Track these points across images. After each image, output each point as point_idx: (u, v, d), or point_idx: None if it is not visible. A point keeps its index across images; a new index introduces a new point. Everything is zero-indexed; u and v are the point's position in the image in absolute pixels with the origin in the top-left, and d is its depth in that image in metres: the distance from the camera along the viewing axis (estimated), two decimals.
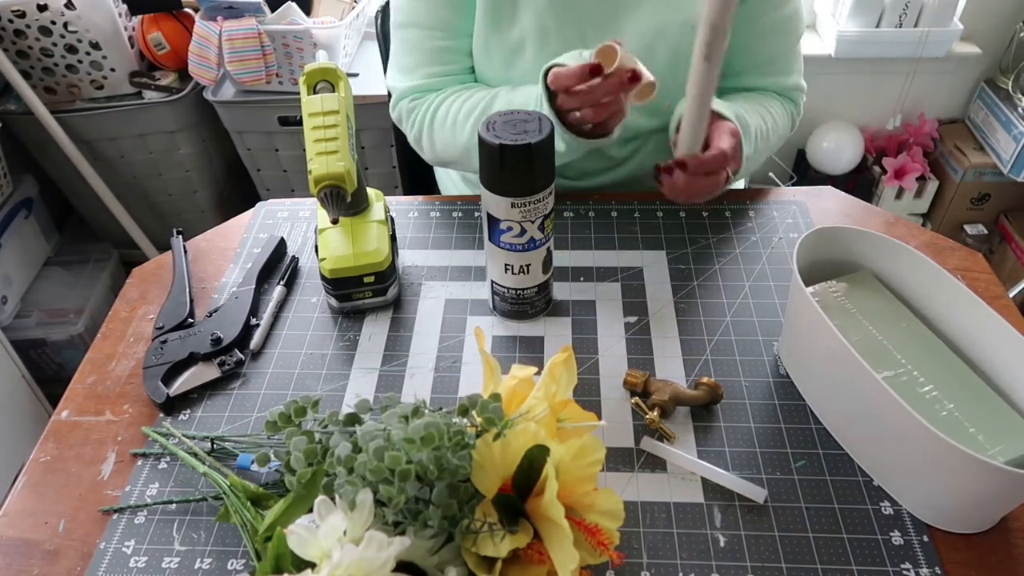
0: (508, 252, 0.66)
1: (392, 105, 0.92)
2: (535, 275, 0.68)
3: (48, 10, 1.46)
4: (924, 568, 0.53)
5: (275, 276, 0.80)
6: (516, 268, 0.67)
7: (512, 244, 0.65)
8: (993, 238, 1.89)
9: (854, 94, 1.84)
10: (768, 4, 0.80)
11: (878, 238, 0.66)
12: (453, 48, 0.86)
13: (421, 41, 0.86)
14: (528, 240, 0.65)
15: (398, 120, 0.92)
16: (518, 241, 0.65)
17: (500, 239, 0.65)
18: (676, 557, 0.54)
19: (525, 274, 0.68)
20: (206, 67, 1.48)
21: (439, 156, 0.89)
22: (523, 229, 0.64)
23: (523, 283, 0.68)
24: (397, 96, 0.90)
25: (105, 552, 0.57)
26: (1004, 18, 1.72)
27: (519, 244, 0.65)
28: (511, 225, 0.64)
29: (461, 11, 0.83)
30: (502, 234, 0.65)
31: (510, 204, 0.62)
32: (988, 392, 0.58)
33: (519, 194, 0.62)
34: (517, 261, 0.66)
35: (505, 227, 0.64)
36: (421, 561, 0.47)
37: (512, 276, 0.68)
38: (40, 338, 1.60)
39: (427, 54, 0.86)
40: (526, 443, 0.46)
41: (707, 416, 0.64)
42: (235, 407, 0.67)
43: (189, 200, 1.78)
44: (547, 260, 0.68)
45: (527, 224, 0.64)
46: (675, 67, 0.80)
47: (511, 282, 0.69)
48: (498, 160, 0.59)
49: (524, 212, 0.63)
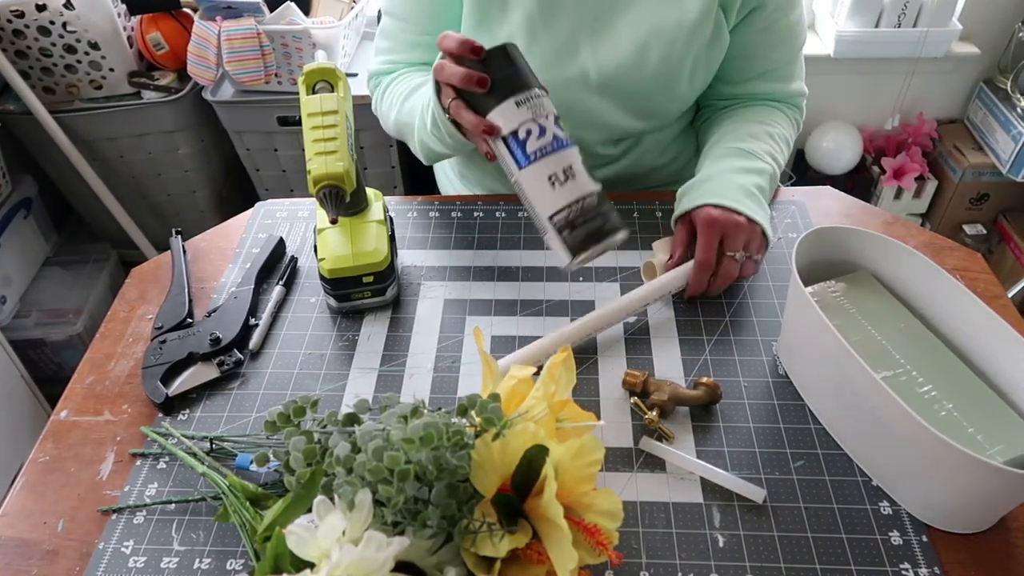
0: (543, 161, 0.60)
1: (367, 79, 0.96)
2: (583, 180, 0.61)
3: (47, 10, 1.46)
4: (923, 568, 0.53)
5: (274, 276, 0.80)
6: (561, 174, 0.60)
7: (542, 149, 0.60)
8: (992, 238, 1.90)
9: (853, 94, 1.84)
10: (779, 12, 0.81)
11: (877, 238, 0.66)
12: (424, 43, 0.87)
13: (396, 31, 0.89)
14: (553, 139, 0.60)
15: (370, 93, 0.96)
16: (544, 143, 0.60)
17: (527, 151, 0.60)
18: (675, 557, 0.54)
19: (573, 179, 0.60)
20: (205, 67, 1.48)
21: (387, 129, 0.93)
22: (541, 128, 0.60)
23: (578, 190, 0.60)
24: (369, 73, 0.95)
25: (104, 552, 0.57)
26: (1003, 18, 1.73)
27: (547, 146, 0.60)
28: (528, 128, 0.59)
29: (443, 8, 0.84)
30: (525, 145, 0.60)
31: (515, 104, 0.60)
32: (987, 392, 0.58)
33: (518, 88, 0.60)
34: (557, 165, 0.60)
35: (523, 134, 0.60)
36: (420, 561, 0.47)
37: (562, 187, 0.60)
38: (39, 338, 1.60)
39: (399, 44, 0.89)
40: (525, 443, 0.46)
41: (706, 416, 0.64)
42: (234, 407, 0.67)
43: (188, 200, 1.78)
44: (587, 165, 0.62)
45: (542, 122, 0.60)
46: (667, 67, 0.80)
47: (567, 195, 0.60)
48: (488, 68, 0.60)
49: (532, 108, 0.60)
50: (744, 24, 0.81)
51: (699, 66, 0.82)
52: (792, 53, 0.87)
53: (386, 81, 0.91)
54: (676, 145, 0.95)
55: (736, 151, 0.80)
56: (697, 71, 0.82)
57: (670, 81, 0.82)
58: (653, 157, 0.94)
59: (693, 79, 0.83)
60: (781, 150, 0.85)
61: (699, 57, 0.81)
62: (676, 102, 0.86)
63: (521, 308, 0.75)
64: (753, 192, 0.76)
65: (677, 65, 0.80)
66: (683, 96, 0.85)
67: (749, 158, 0.80)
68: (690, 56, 0.80)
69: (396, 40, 0.89)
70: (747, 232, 0.72)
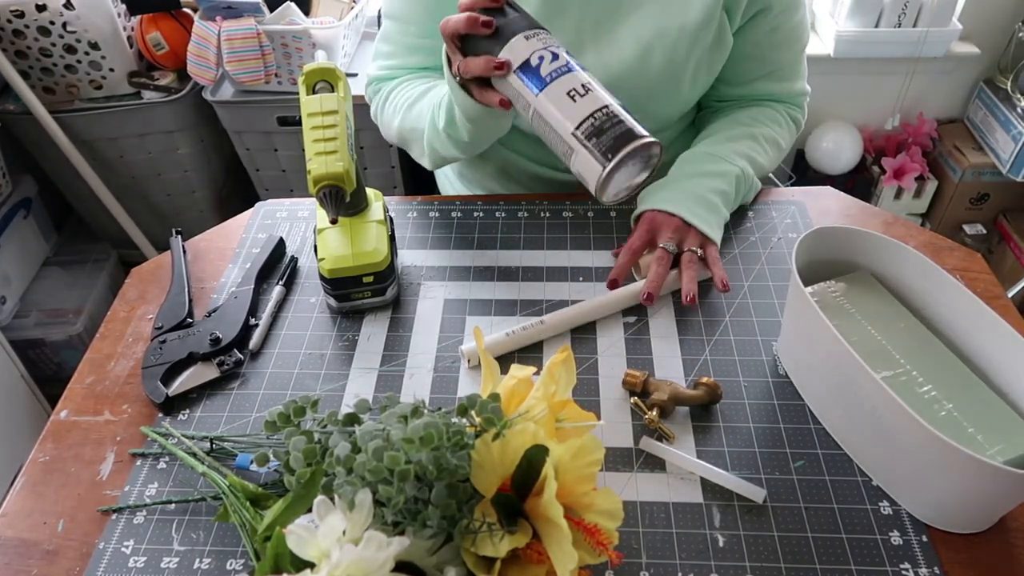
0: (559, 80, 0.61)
1: (365, 85, 0.95)
2: (602, 93, 0.61)
3: (47, 10, 1.46)
4: (923, 568, 0.53)
5: (274, 276, 0.80)
6: (581, 88, 0.60)
7: (557, 70, 0.61)
8: (992, 238, 1.90)
9: (853, 94, 1.84)
10: (785, 14, 0.81)
11: (877, 238, 0.66)
12: (426, 47, 0.87)
13: (397, 34, 0.88)
14: (566, 62, 0.61)
15: (368, 99, 0.95)
16: (558, 65, 0.61)
17: (542, 75, 0.61)
18: (675, 557, 0.54)
19: (592, 92, 0.61)
20: (205, 67, 1.48)
21: (388, 137, 0.93)
22: (554, 54, 0.61)
23: (600, 100, 0.60)
24: (368, 79, 0.93)
25: (104, 552, 0.57)
26: (1003, 18, 1.73)
27: (562, 67, 0.61)
28: (541, 55, 0.61)
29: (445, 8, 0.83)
30: (539, 70, 0.61)
31: (523, 38, 0.62)
32: (987, 392, 0.58)
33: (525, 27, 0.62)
34: (574, 81, 0.61)
35: (536, 61, 0.61)
36: (420, 561, 0.47)
37: (583, 99, 0.60)
38: (39, 338, 1.59)
39: (400, 48, 0.89)
40: (525, 443, 0.46)
41: (706, 416, 0.64)
42: (234, 407, 0.67)
43: (188, 200, 1.78)
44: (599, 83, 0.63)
45: (554, 49, 0.62)
46: (670, 70, 0.80)
47: (589, 105, 0.60)
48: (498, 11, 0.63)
49: (541, 40, 0.62)
50: (749, 26, 0.81)
51: (701, 69, 0.82)
52: (796, 53, 0.87)
53: (387, 88, 0.90)
54: (676, 147, 0.95)
55: (704, 155, 0.82)
56: (699, 74, 0.82)
57: (672, 84, 0.82)
58: None
59: (695, 82, 0.83)
60: (764, 150, 0.85)
61: (702, 60, 0.81)
62: (677, 105, 0.86)
63: (521, 308, 0.75)
64: (705, 197, 0.78)
65: (680, 68, 0.80)
66: (685, 99, 0.85)
67: (716, 162, 0.81)
68: (693, 59, 0.80)
69: (397, 44, 0.89)
70: (680, 230, 0.76)
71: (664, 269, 0.73)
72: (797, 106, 0.91)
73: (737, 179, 0.81)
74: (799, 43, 0.86)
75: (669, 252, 0.74)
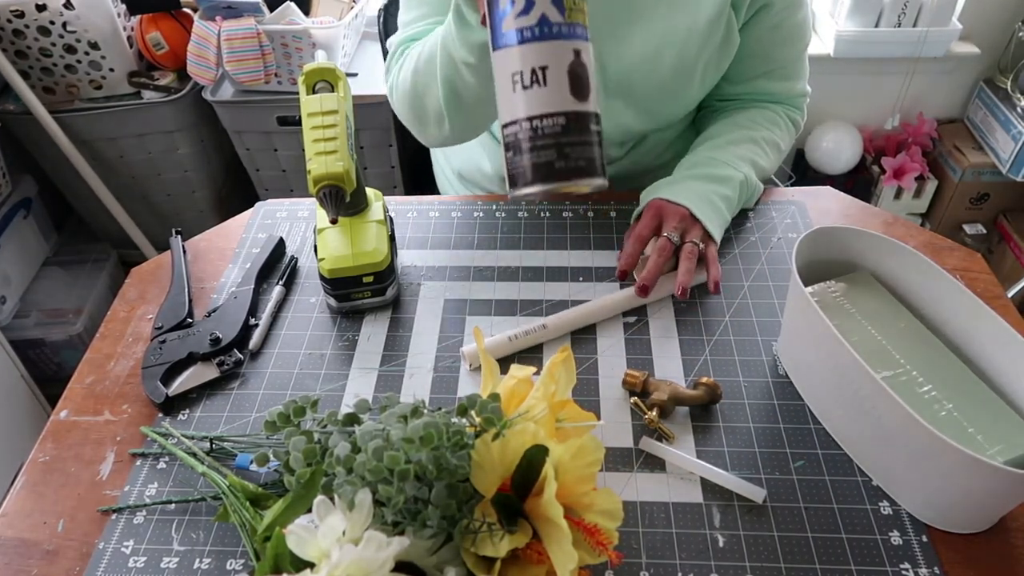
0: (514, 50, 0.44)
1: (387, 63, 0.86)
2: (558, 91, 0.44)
3: (47, 10, 1.46)
4: (923, 568, 0.53)
5: (274, 276, 0.80)
6: (528, 75, 0.43)
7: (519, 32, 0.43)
8: (992, 238, 1.90)
9: (853, 94, 1.84)
10: (787, 11, 0.81)
11: (877, 238, 0.66)
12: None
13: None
14: (540, 21, 0.43)
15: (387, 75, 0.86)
16: (525, 24, 0.43)
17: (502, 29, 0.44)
18: (675, 557, 0.54)
19: (541, 85, 0.43)
20: (205, 67, 1.48)
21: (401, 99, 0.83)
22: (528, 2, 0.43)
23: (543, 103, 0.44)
24: (393, 48, 0.85)
25: (104, 552, 0.57)
26: (1003, 18, 1.73)
27: (526, 29, 0.43)
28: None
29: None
30: (504, 18, 0.44)
31: None
32: (987, 392, 0.58)
33: None
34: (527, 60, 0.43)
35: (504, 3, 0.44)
36: (420, 561, 0.47)
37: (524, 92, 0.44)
38: (39, 338, 1.59)
39: (429, 5, 0.82)
40: (525, 443, 0.46)
41: (706, 416, 0.64)
42: (234, 407, 0.67)
43: (188, 200, 1.78)
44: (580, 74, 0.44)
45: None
46: (680, 70, 0.80)
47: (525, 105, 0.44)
48: None
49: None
50: (752, 23, 0.81)
51: (710, 67, 0.82)
52: (798, 52, 0.87)
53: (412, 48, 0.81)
54: (677, 144, 0.96)
55: (708, 159, 0.82)
56: (708, 72, 0.82)
57: (682, 83, 0.82)
58: (654, 156, 0.95)
59: (704, 81, 0.83)
60: (765, 153, 0.85)
61: (711, 58, 0.81)
62: (685, 103, 0.87)
63: (521, 308, 0.75)
64: (710, 198, 0.78)
65: (690, 67, 0.80)
66: (693, 97, 0.86)
67: (720, 166, 0.81)
68: (703, 58, 0.80)
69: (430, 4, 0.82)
70: (686, 221, 0.76)
71: (663, 260, 0.73)
72: (796, 107, 0.91)
73: (741, 185, 0.81)
74: (801, 41, 0.86)
75: (672, 242, 0.74)
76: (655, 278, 0.72)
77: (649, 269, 0.72)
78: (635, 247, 0.75)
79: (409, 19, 0.84)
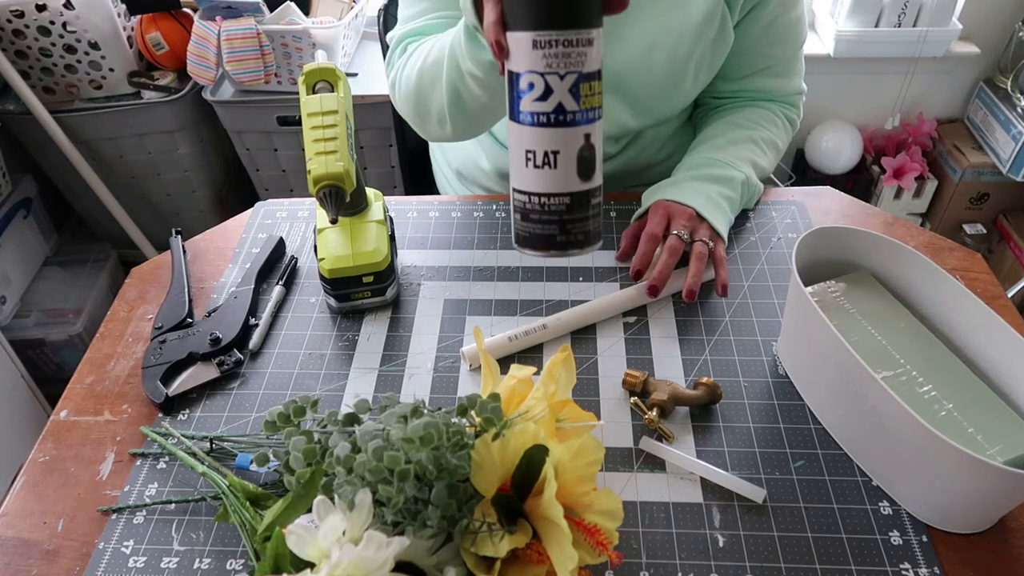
0: (530, 129, 0.48)
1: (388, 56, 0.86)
2: (567, 174, 0.49)
3: (47, 10, 1.46)
4: (923, 568, 0.53)
5: (274, 276, 0.80)
6: (540, 156, 0.48)
7: (535, 115, 0.47)
8: (992, 237, 1.90)
9: (853, 94, 1.84)
10: (781, 8, 0.81)
11: (877, 238, 0.66)
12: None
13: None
14: (556, 109, 0.47)
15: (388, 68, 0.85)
16: (541, 109, 0.47)
17: (520, 108, 0.48)
18: (675, 557, 0.54)
19: (551, 168, 0.48)
20: (205, 67, 1.48)
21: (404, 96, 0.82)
22: (547, 87, 0.46)
23: (550, 183, 0.49)
24: (394, 43, 0.84)
25: (104, 552, 0.57)
26: (1003, 18, 1.73)
27: (543, 114, 0.47)
28: (532, 81, 0.46)
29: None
30: (522, 98, 0.47)
31: (531, 43, 0.46)
32: (987, 392, 0.58)
33: (543, 24, 0.45)
34: (541, 142, 0.48)
35: (526, 85, 0.47)
36: (420, 561, 0.47)
37: (535, 170, 0.48)
38: (39, 338, 1.60)
39: (431, 0, 0.81)
40: (525, 443, 0.46)
41: (706, 416, 0.64)
42: (234, 407, 0.67)
43: (188, 200, 1.78)
44: (588, 157, 0.49)
45: (553, 80, 0.46)
46: (673, 66, 0.80)
47: (534, 181, 0.49)
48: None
49: (550, 58, 0.46)
50: (747, 20, 0.82)
51: (704, 64, 0.82)
52: (793, 50, 0.87)
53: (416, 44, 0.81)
54: (673, 141, 0.96)
55: (709, 160, 0.82)
56: (702, 69, 0.83)
57: (675, 80, 0.82)
58: (651, 153, 0.95)
59: (697, 77, 0.83)
60: (764, 153, 0.86)
61: (704, 55, 0.81)
62: (679, 100, 0.87)
63: (521, 308, 0.75)
64: (714, 198, 0.78)
65: (683, 64, 0.81)
66: (686, 94, 0.86)
67: (721, 167, 0.81)
68: (695, 55, 0.80)
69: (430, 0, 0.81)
70: (694, 220, 0.76)
71: (673, 260, 0.73)
72: (792, 106, 0.91)
73: (742, 185, 0.81)
74: (796, 39, 0.86)
75: (683, 240, 0.74)
76: (666, 278, 0.72)
77: (660, 269, 0.72)
78: (649, 246, 0.74)
79: (410, 14, 0.84)
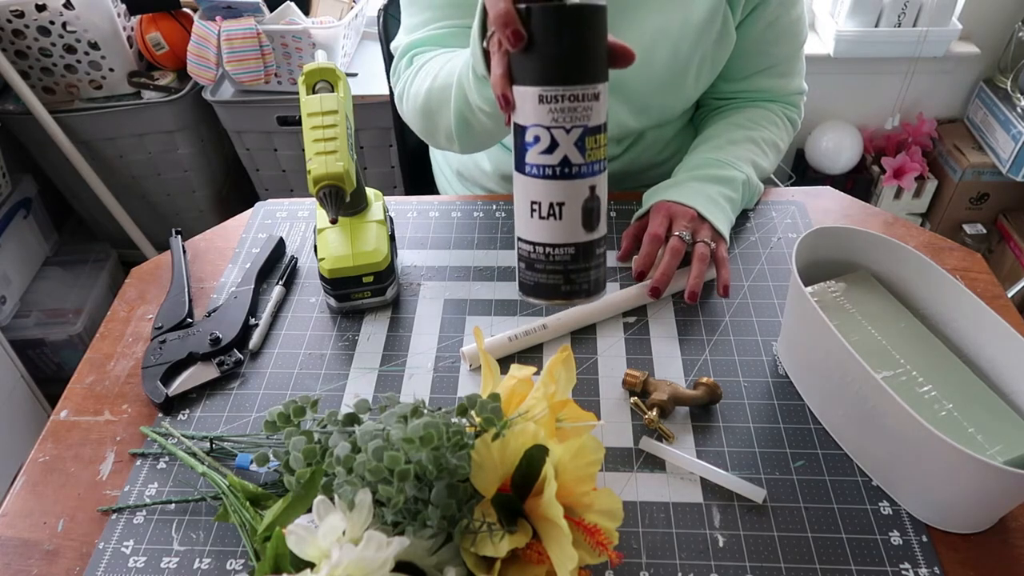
0: (535, 182, 0.48)
1: (393, 66, 0.85)
2: (571, 225, 0.49)
3: (47, 10, 1.46)
4: (923, 568, 0.53)
5: (274, 276, 0.80)
6: (546, 208, 0.48)
7: (540, 167, 0.47)
8: (992, 237, 1.90)
9: (853, 94, 1.84)
10: (782, 8, 0.81)
11: (877, 238, 0.66)
12: (463, 2, 0.79)
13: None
14: (562, 162, 0.47)
15: (394, 78, 0.85)
16: (547, 162, 0.47)
17: (526, 160, 0.48)
18: (675, 557, 0.54)
19: (556, 219, 0.48)
20: (205, 67, 1.48)
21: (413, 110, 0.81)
22: (554, 141, 0.46)
23: (555, 235, 0.49)
24: (399, 53, 0.83)
25: (104, 552, 0.57)
26: (1003, 18, 1.73)
27: (548, 167, 0.47)
28: (538, 134, 0.47)
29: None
30: (527, 150, 0.48)
31: (537, 97, 0.46)
32: (987, 392, 0.58)
33: (548, 80, 0.45)
34: (547, 195, 0.48)
35: (532, 138, 0.47)
36: (420, 561, 0.47)
37: (541, 221, 0.49)
38: (39, 338, 1.60)
39: (437, 9, 0.80)
40: (525, 443, 0.46)
41: (706, 416, 0.64)
42: (234, 407, 0.67)
43: (188, 200, 1.78)
44: (593, 208, 0.49)
45: (559, 133, 0.46)
46: (674, 67, 0.80)
47: (539, 232, 0.49)
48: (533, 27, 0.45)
49: (555, 112, 0.46)
50: (748, 20, 0.82)
51: (705, 64, 0.82)
52: (794, 50, 0.87)
53: (425, 56, 0.80)
54: (675, 142, 0.96)
55: (709, 160, 0.82)
56: (703, 69, 0.83)
57: (676, 80, 0.82)
58: (653, 154, 0.95)
59: (699, 77, 0.83)
60: (765, 153, 0.86)
61: (705, 55, 0.81)
62: (680, 100, 0.87)
63: (521, 308, 0.75)
64: (715, 199, 0.78)
65: (684, 64, 0.81)
66: (688, 95, 0.86)
67: (722, 167, 0.81)
68: (697, 55, 0.80)
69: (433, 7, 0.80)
70: (696, 221, 0.76)
71: (676, 261, 0.73)
72: (793, 106, 0.91)
73: (743, 185, 0.81)
74: (797, 39, 0.86)
75: (684, 242, 0.74)
76: (669, 280, 0.72)
77: (662, 271, 0.72)
78: (652, 247, 0.74)
79: (415, 23, 0.83)
